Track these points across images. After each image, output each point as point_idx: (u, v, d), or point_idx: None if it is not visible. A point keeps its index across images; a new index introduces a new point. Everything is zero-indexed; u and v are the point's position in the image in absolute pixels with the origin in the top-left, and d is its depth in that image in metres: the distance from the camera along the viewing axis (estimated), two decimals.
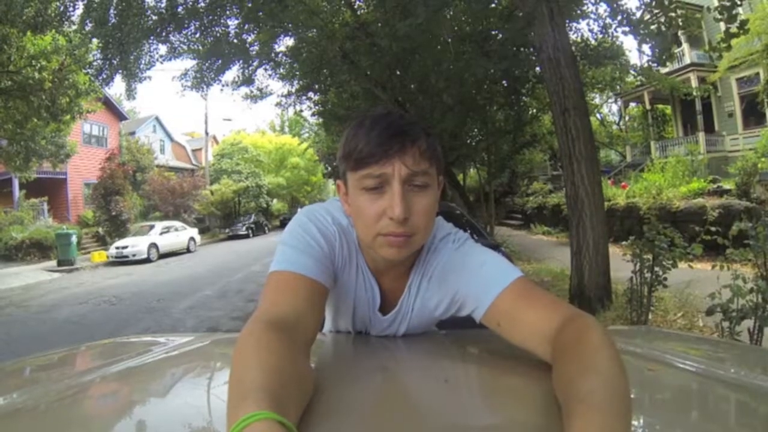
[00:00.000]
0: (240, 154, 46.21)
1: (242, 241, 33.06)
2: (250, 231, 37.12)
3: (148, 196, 34.25)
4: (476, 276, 1.43)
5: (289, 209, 56.26)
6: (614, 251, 9.37)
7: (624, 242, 6.95)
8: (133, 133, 39.58)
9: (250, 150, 47.66)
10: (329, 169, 48.84)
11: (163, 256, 24.57)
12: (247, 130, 60.95)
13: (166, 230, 26.15)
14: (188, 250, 27.28)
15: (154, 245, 24.21)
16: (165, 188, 33.90)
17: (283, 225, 47.34)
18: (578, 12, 10.73)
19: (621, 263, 6.93)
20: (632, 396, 1.26)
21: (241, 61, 14.24)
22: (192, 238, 28.29)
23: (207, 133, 44.24)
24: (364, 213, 1.31)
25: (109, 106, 32.84)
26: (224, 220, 39.50)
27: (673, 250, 5.86)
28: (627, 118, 32.81)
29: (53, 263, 22.66)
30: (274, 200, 52.82)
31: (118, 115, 36.94)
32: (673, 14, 7.77)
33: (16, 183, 26.49)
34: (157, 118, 45.41)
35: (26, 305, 13.35)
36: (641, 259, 6.18)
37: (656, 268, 6.03)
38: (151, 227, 25.91)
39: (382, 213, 1.27)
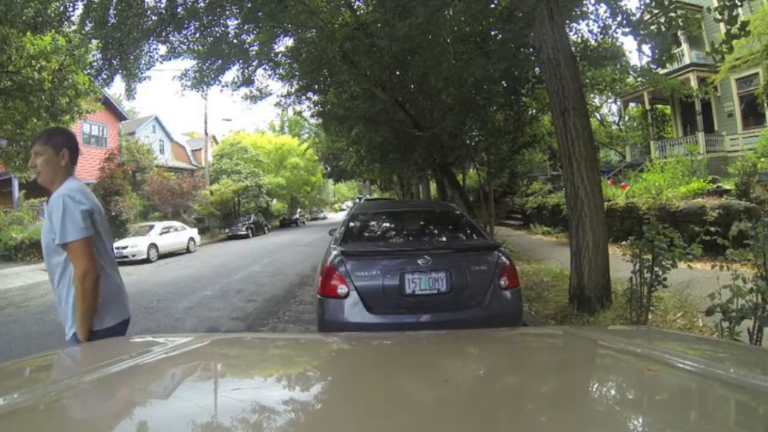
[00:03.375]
0: (239, 154, 46.36)
1: (242, 242, 32.98)
2: (249, 231, 37.14)
3: (148, 196, 34.25)
4: (62, 221, 2.96)
5: (288, 209, 56.32)
6: (614, 251, 9.38)
7: (624, 242, 6.95)
8: (132, 133, 39.76)
9: (249, 150, 47.82)
10: (329, 169, 49.03)
11: (162, 256, 24.57)
12: (246, 130, 61.14)
13: (165, 230, 26.11)
14: (188, 251, 27.24)
15: (153, 245, 24.19)
16: (164, 188, 33.96)
17: (283, 225, 47.47)
18: (578, 12, 10.67)
19: (621, 263, 6.94)
20: (632, 396, 1.44)
21: (240, 62, 14.20)
22: (192, 239, 28.25)
23: (206, 134, 44.24)
24: None
25: (109, 106, 32.98)
26: (224, 220, 39.60)
27: (673, 250, 5.85)
28: (626, 118, 32.83)
29: None
30: (274, 200, 52.83)
31: (118, 115, 37.12)
32: (672, 14, 7.74)
33: (15, 183, 26.79)
34: (156, 119, 45.66)
35: (26, 305, 13.31)
36: (641, 259, 6.17)
37: (656, 269, 6.02)
38: (151, 227, 25.88)
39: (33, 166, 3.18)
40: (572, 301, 7.65)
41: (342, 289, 5.35)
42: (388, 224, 7.28)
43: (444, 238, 6.87)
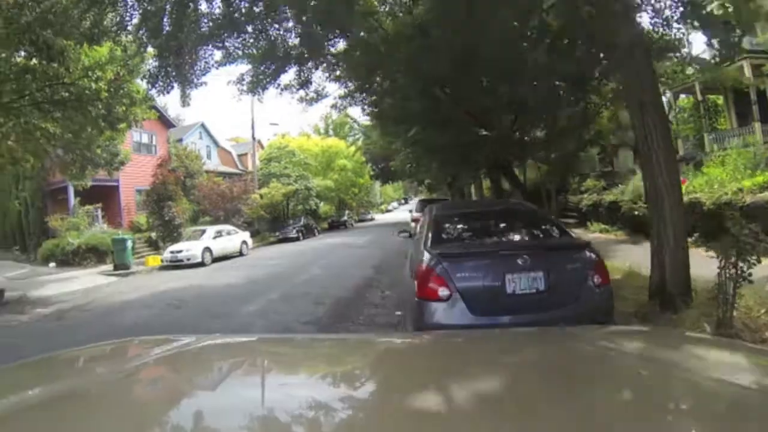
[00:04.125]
0: (288, 157, 46.43)
1: (293, 244, 33.19)
2: (300, 234, 37.31)
3: (198, 200, 34.74)
4: None
5: (336, 211, 56.73)
6: None
7: (690, 239, 6.85)
8: (180, 140, 40.40)
9: (297, 153, 47.89)
10: (377, 170, 48.85)
11: (216, 259, 24.79)
12: (291, 134, 61.12)
13: (218, 234, 26.38)
14: (241, 254, 27.42)
15: (208, 249, 24.47)
16: (214, 193, 34.46)
17: (331, 227, 47.75)
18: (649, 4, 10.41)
19: (692, 260, 6.91)
20: (632, 397, 1.44)
21: (297, 65, 14.24)
22: (244, 242, 28.47)
23: (254, 138, 44.66)
24: None
25: (157, 114, 33.04)
26: (272, 224, 39.76)
27: (757, 245, 5.73)
28: (677, 110, 32.17)
29: (109, 267, 23.90)
30: (321, 203, 52.84)
31: (166, 123, 37.58)
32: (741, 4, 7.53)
33: (71, 190, 27.51)
34: (203, 125, 46.32)
35: (89, 309, 13.59)
36: (727, 254, 6.02)
37: (741, 264, 5.89)
38: (203, 232, 26.29)
39: None
40: (653, 298, 7.49)
41: (443, 291, 5.30)
42: (474, 224, 7.17)
43: (535, 237, 6.75)
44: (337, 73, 15.65)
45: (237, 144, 56.91)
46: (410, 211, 34.64)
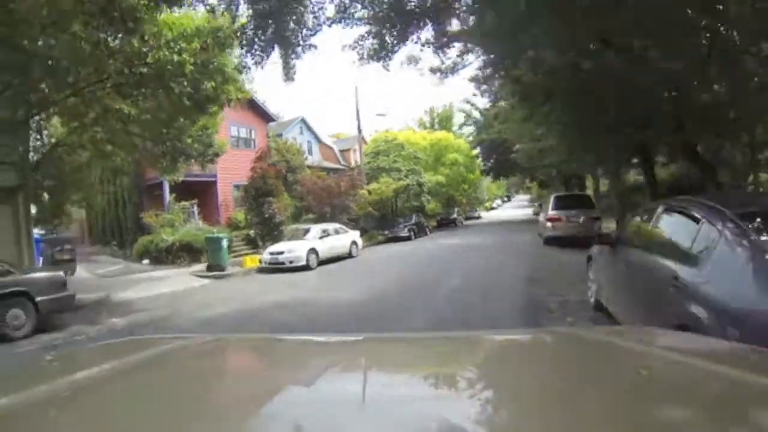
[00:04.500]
0: (396, 150, 44.86)
1: (405, 244, 31.29)
2: (412, 233, 35.35)
3: (301, 196, 33.23)
4: None
5: (443, 208, 55.21)
6: None
7: None
8: (280, 135, 39.63)
9: (406, 147, 46.27)
10: (490, 163, 46.43)
11: (322, 262, 22.34)
12: (393, 128, 60.09)
13: (325, 233, 23.99)
14: (350, 255, 25.03)
15: (313, 250, 21.95)
16: (319, 188, 32.81)
17: (440, 225, 47.42)
18: None
19: None
20: (631, 397, 1.40)
21: (431, 22, 12.27)
22: (354, 242, 26.07)
23: (359, 130, 43.11)
24: None
25: (255, 107, 33.32)
26: (379, 221, 38.21)
27: None
28: None
29: (203, 266, 22.72)
30: (431, 199, 50.95)
31: (265, 117, 36.93)
32: None
33: (166, 186, 27.31)
34: (303, 120, 45.46)
35: (168, 327, 11.33)
36: None
37: None
38: (307, 230, 24.23)
39: None
40: None
41: None
42: None
43: None
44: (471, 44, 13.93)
45: (338, 140, 56.31)
46: (537, 208, 31.37)
